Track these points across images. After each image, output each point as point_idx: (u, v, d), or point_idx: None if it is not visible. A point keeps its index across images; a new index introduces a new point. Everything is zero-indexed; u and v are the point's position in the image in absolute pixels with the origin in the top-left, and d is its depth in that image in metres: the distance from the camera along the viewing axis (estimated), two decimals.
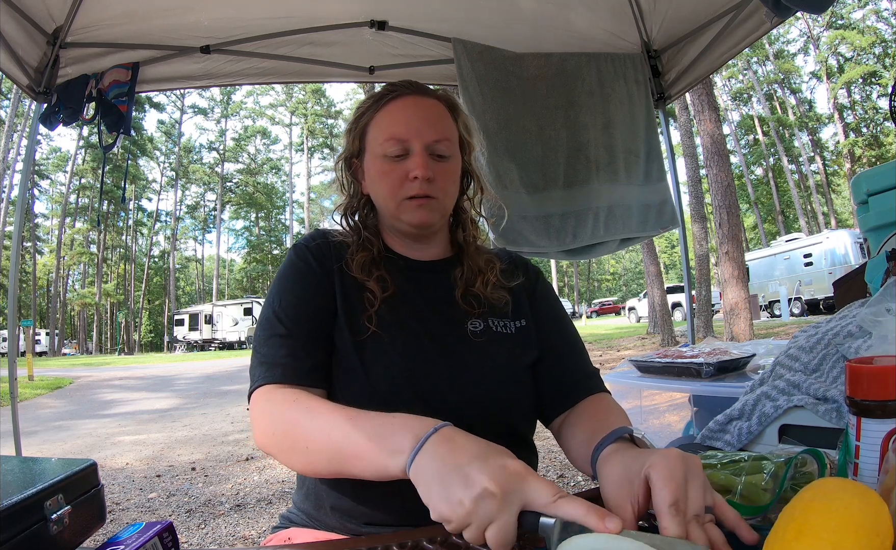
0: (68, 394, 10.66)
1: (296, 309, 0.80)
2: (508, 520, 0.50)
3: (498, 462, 0.53)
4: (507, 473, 0.51)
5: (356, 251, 0.87)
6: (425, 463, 0.55)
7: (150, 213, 43.94)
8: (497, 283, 0.90)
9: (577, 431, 0.79)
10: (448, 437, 0.57)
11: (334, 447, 0.65)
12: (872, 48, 28.07)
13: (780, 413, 1.10)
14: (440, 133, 0.86)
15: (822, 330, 1.20)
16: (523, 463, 0.54)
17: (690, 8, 2.45)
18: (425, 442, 0.57)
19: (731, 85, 35.10)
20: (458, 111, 0.92)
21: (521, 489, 0.51)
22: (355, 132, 0.90)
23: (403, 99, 0.87)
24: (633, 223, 2.61)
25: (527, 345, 0.87)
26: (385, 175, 0.85)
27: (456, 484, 0.51)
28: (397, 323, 0.82)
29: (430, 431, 0.58)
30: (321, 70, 2.62)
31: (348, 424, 0.65)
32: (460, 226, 0.96)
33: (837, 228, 21.86)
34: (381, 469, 0.60)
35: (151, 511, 3.30)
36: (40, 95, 2.22)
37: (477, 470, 0.51)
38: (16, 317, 2.32)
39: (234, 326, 29.19)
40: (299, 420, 0.69)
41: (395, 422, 0.62)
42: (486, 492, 0.50)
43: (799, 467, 0.64)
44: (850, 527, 0.39)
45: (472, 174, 0.96)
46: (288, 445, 0.70)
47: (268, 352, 0.77)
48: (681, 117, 11.03)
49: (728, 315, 8.65)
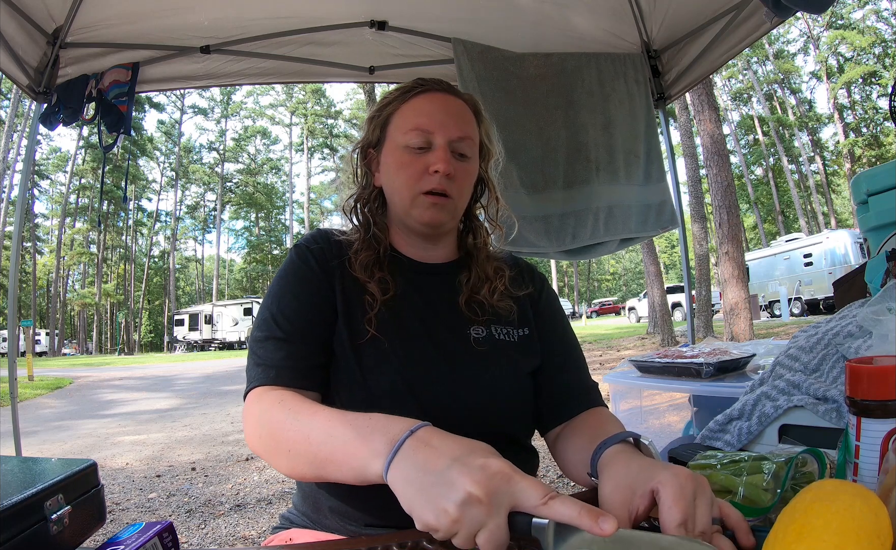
0: (68, 394, 10.65)
1: (294, 311, 0.79)
2: (499, 523, 0.47)
3: (478, 462, 0.49)
4: (490, 474, 0.48)
5: (361, 249, 0.85)
6: (402, 470, 0.52)
7: (150, 213, 43.96)
8: (504, 292, 0.89)
9: (576, 440, 0.79)
10: (424, 440, 0.54)
11: (313, 450, 0.63)
12: (872, 48, 28.06)
13: (780, 413, 1.10)
14: (464, 131, 0.85)
15: (822, 330, 1.20)
16: (507, 462, 0.51)
17: (690, 8, 2.45)
18: (400, 446, 0.54)
19: (731, 85, 35.10)
20: (482, 117, 0.91)
21: (508, 490, 0.48)
22: (378, 121, 0.88)
23: (432, 94, 0.86)
24: (632, 223, 2.61)
25: (529, 354, 0.87)
26: (404, 166, 0.84)
27: (438, 492, 0.49)
28: (398, 327, 0.81)
29: (405, 435, 0.54)
30: (321, 70, 2.62)
31: (326, 427, 0.62)
32: (470, 233, 0.95)
33: (837, 228, 21.86)
34: (360, 474, 0.57)
35: (151, 511, 3.30)
36: (40, 95, 2.22)
37: (458, 474, 0.48)
38: (16, 317, 2.32)
39: (234, 326, 29.19)
40: (283, 421, 0.67)
41: (371, 425, 0.58)
42: (471, 497, 0.47)
43: (799, 467, 0.64)
44: (851, 529, 0.39)
45: (488, 182, 0.95)
46: (273, 447, 0.68)
47: (263, 354, 0.76)
48: (681, 117, 11.02)
49: (728, 315, 8.65)
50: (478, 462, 0.50)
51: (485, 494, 0.47)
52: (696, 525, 0.50)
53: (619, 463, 0.61)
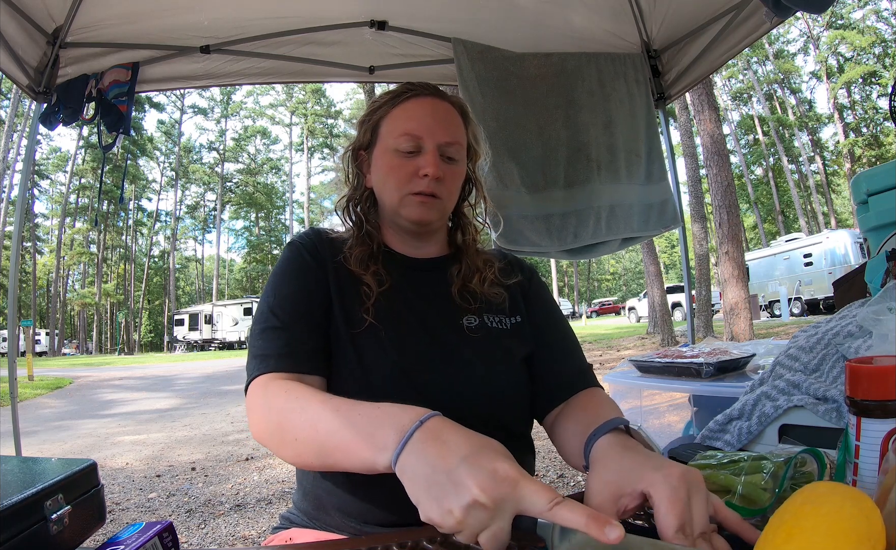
0: (68, 394, 10.65)
1: (291, 302, 0.80)
2: (502, 527, 0.48)
3: (488, 466, 0.50)
4: (497, 480, 0.49)
5: (355, 245, 0.88)
6: (411, 462, 0.53)
7: (149, 213, 43.96)
8: (494, 281, 0.91)
9: (570, 424, 0.79)
10: (435, 433, 0.54)
11: (321, 439, 0.63)
12: (872, 48, 28.06)
13: (780, 413, 1.10)
14: (453, 136, 0.88)
15: (822, 330, 1.20)
16: (516, 466, 0.51)
17: (690, 8, 2.45)
18: (410, 437, 0.54)
19: (731, 85, 35.10)
20: (469, 119, 0.94)
21: (514, 496, 0.48)
22: (368, 124, 0.91)
23: (421, 99, 0.89)
24: (634, 222, 2.61)
25: (522, 340, 0.89)
26: (394, 169, 0.86)
27: (444, 492, 0.49)
28: (393, 317, 0.83)
29: (415, 425, 0.55)
30: (321, 70, 2.62)
31: (335, 416, 0.63)
32: (459, 230, 0.97)
33: (837, 228, 21.85)
34: (368, 464, 0.58)
35: (151, 511, 3.30)
36: (40, 95, 2.22)
37: (466, 476, 0.49)
38: (16, 317, 2.32)
39: (234, 326, 29.19)
40: (289, 410, 0.68)
41: (380, 415, 0.59)
42: (476, 503, 0.47)
43: (798, 467, 0.64)
44: (840, 531, 0.38)
45: (475, 181, 0.98)
46: (279, 436, 0.68)
47: (262, 344, 0.77)
48: (681, 117, 11.03)
49: (728, 315, 8.65)
50: (487, 464, 0.50)
51: (491, 500, 0.48)
52: (695, 527, 0.49)
53: (610, 459, 0.61)
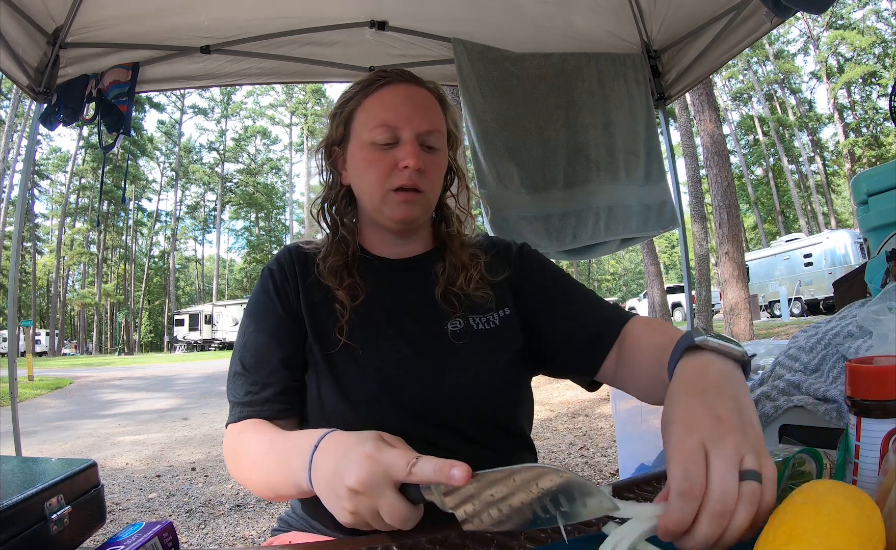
0: (68, 394, 10.65)
1: (254, 345, 0.80)
2: (389, 501, 0.51)
3: (355, 455, 0.53)
4: (361, 464, 0.52)
5: (329, 253, 0.84)
6: (316, 480, 0.58)
7: (150, 213, 43.94)
8: (480, 281, 0.85)
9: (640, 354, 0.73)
10: (324, 450, 0.59)
11: (266, 479, 0.69)
12: (872, 48, 28.04)
13: (780, 413, 1.10)
14: (432, 123, 0.82)
15: (822, 330, 1.20)
16: (377, 442, 0.54)
17: (690, 8, 2.45)
18: (311, 460, 0.59)
19: (731, 85, 35.09)
20: (446, 104, 0.88)
21: (380, 471, 0.51)
22: (340, 117, 0.86)
23: (395, 86, 0.83)
24: (633, 223, 2.61)
25: (513, 334, 0.84)
26: (372, 163, 0.81)
27: (336, 495, 0.54)
28: (371, 331, 0.79)
29: (312, 449, 0.60)
30: (321, 70, 2.62)
31: (268, 456, 0.69)
32: (443, 221, 0.92)
33: (837, 228, 21.85)
34: (301, 489, 0.61)
35: (151, 511, 3.30)
36: (40, 95, 2.22)
37: (341, 474, 0.53)
38: (16, 317, 2.32)
39: (234, 326, 29.16)
40: (239, 455, 0.74)
41: (290, 446, 0.65)
42: (353, 491, 0.52)
43: (796, 466, 0.64)
44: (841, 531, 0.38)
45: (457, 170, 0.92)
46: (245, 480, 0.74)
47: (232, 391, 0.80)
48: (681, 117, 11.02)
49: (728, 315, 8.65)
50: (354, 455, 0.53)
51: (360, 483, 0.51)
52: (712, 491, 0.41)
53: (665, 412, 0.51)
